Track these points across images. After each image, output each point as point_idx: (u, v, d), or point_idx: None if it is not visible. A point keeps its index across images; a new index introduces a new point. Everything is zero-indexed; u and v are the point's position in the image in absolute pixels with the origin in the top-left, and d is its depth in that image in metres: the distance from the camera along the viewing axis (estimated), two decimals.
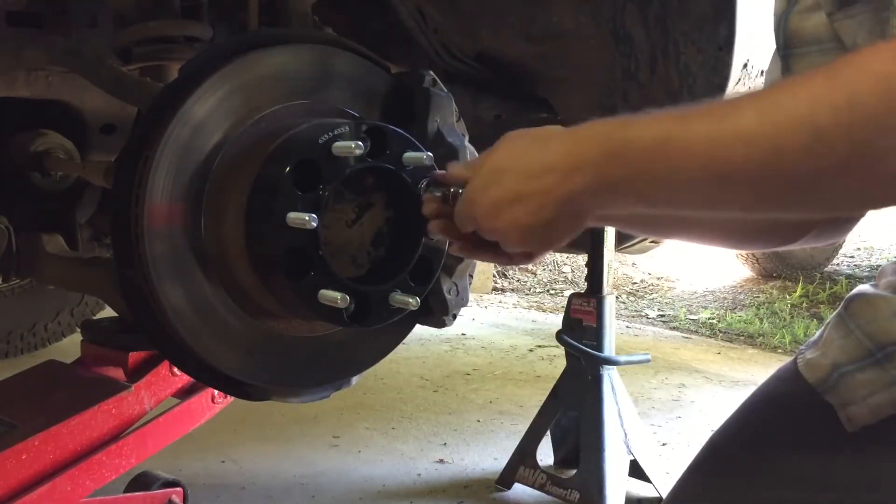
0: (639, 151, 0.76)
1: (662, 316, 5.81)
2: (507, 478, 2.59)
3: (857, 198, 0.71)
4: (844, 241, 6.07)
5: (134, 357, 1.67)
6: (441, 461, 2.80)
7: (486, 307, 5.85)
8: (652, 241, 3.31)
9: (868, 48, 0.65)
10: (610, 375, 2.48)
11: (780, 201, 0.74)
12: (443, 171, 1.08)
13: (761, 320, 5.37)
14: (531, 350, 4.52)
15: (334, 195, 1.22)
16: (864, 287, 0.99)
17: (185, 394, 1.76)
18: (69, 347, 2.87)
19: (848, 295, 1.02)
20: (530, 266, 6.83)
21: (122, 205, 1.22)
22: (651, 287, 6.68)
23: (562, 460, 2.62)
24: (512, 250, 0.96)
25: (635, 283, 6.79)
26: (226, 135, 1.24)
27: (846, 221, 1.04)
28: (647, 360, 2.81)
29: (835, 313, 1.03)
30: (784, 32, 1.06)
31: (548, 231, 0.87)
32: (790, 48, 1.04)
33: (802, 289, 5.85)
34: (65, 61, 1.71)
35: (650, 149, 0.75)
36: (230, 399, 1.76)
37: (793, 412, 1.02)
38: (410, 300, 1.24)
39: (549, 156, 0.84)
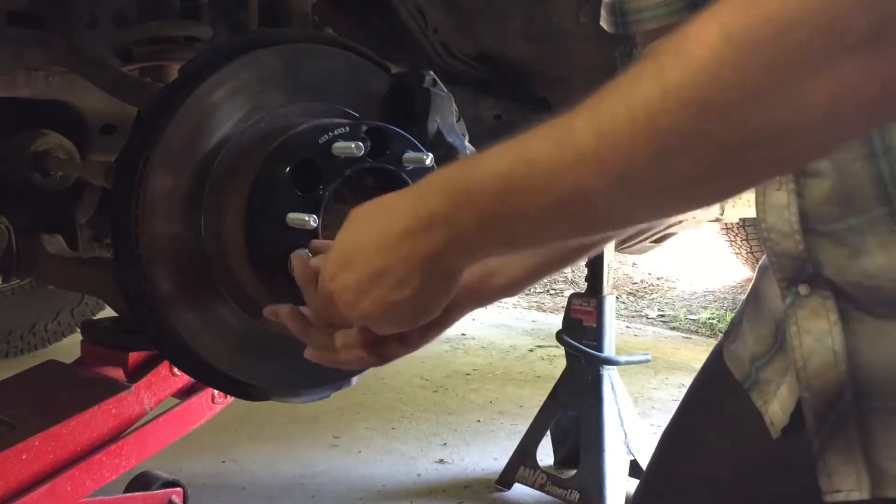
0: (483, 195, 0.68)
1: (662, 316, 5.81)
2: (507, 478, 2.59)
3: (721, 189, 0.62)
4: None
5: (134, 357, 1.67)
6: (441, 461, 2.80)
7: (485, 307, 5.84)
8: (652, 241, 3.31)
9: (689, 28, 0.56)
10: (610, 375, 2.48)
11: (644, 211, 0.65)
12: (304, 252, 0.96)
13: None
14: (531, 350, 4.52)
15: (334, 195, 1.21)
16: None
17: (185, 394, 1.76)
18: (69, 347, 2.87)
19: (759, 265, 0.91)
20: None
21: (122, 205, 1.22)
22: (651, 287, 6.68)
23: (562, 460, 2.62)
24: (386, 331, 0.85)
25: (635, 283, 6.79)
26: (226, 135, 1.24)
27: None
28: (647, 361, 2.81)
29: (749, 290, 0.93)
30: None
31: (419, 302, 0.77)
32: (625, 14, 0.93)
33: None
34: (65, 61, 1.71)
35: (494, 191, 0.67)
36: (230, 399, 1.76)
37: (722, 414, 0.94)
38: None
39: (397, 221, 0.74)
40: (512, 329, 5.13)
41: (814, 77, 0.52)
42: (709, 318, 5.55)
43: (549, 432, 2.61)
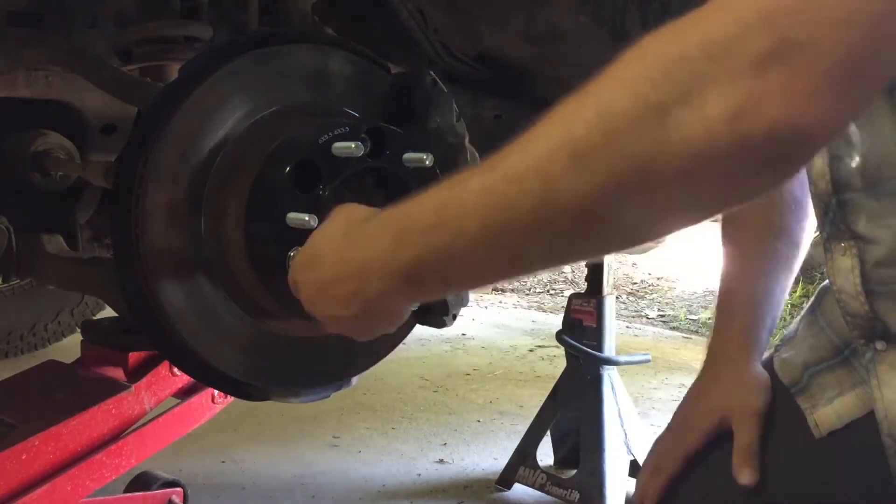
0: (419, 228, 0.70)
1: (662, 316, 5.80)
2: (507, 478, 2.59)
3: (647, 220, 0.62)
4: None
5: (134, 357, 1.67)
6: (441, 461, 2.80)
7: (486, 307, 5.84)
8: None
9: (619, 58, 0.59)
10: (610, 375, 2.48)
11: (571, 239, 0.64)
12: None
13: None
14: (531, 350, 4.52)
15: (334, 195, 1.21)
16: None
17: (185, 394, 1.76)
18: (69, 347, 2.87)
19: (820, 287, 0.98)
20: None
21: (122, 205, 1.22)
22: (651, 287, 6.67)
23: (562, 460, 2.62)
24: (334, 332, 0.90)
25: (635, 283, 6.79)
26: (226, 135, 1.24)
27: None
28: (647, 361, 2.81)
29: (807, 307, 1.00)
30: None
31: (358, 326, 0.82)
32: None
33: (802, 289, 5.84)
34: (65, 61, 1.71)
35: (429, 221, 0.68)
36: (230, 399, 1.76)
37: (768, 415, 0.99)
38: None
39: (354, 251, 0.78)
40: (512, 329, 5.13)
41: (717, 90, 0.54)
42: (709, 318, 5.55)
43: (549, 432, 2.61)
